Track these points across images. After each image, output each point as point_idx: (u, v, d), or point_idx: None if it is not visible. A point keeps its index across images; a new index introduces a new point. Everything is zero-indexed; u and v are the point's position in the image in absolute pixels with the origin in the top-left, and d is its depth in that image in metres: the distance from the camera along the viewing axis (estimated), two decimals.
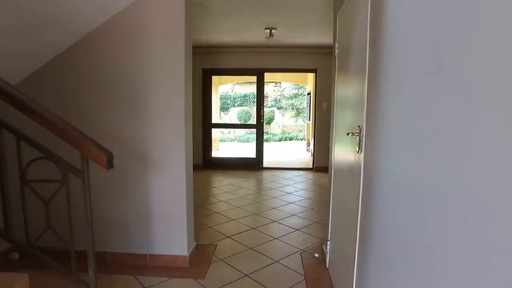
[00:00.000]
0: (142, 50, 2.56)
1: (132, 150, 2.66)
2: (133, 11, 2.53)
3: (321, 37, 5.52)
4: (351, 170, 2.02)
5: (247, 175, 6.36)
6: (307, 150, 9.81)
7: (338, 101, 2.54)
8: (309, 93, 9.62)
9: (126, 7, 2.52)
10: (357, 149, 1.75)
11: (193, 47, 3.04)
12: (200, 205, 4.38)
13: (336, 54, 2.56)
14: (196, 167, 6.95)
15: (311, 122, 9.03)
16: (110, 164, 1.37)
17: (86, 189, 1.40)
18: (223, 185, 5.57)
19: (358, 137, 1.74)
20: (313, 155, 6.90)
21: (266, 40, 5.24)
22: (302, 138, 15.08)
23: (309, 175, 6.49)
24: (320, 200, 4.70)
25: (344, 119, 2.30)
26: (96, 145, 1.36)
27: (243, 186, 5.49)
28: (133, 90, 2.60)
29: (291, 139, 15.25)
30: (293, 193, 5.12)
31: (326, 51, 6.34)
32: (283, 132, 16.07)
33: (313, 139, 8.14)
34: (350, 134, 1.79)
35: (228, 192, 5.13)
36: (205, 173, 6.51)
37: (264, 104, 6.92)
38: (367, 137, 1.67)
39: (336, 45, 2.55)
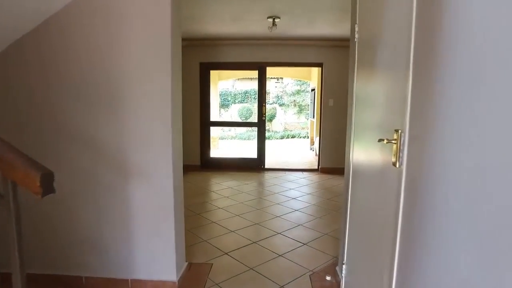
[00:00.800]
0: (119, 40, 2.11)
1: (108, 157, 2.21)
2: None
3: (329, 28, 5.06)
4: (381, 180, 1.57)
5: (248, 177, 5.91)
6: (311, 149, 9.36)
7: (358, 98, 2.08)
8: (313, 89, 9.15)
9: None
10: (394, 160, 1.30)
11: (190, 39, 2.68)
12: (195, 214, 3.94)
13: (356, 40, 2.10)
14: (193, 168, 6.53)
15: (315, 120, 8.58)
16: (46, 188, 0.92)
17: (13, 222, 0.95)
18: (222, 189, 5.13)
19: (396, 145, 1.29)
20: (319, 156, 6.45)
21: (268, 31, 4.77)
22: (305, 136, 14.65)
23: (314, 177, 6.04)
24: (329, 207, 4.26)
25: (368, 120, 1.85)
26: (25, 161, 0.92)
27: (243, 190, 5.05)
28: (109, 87, 2.15)
29: (293, 136, 14.81)
30: (298, 198, 4.68)
31: (333, 43, 5.87)
32: (285, 130, 15.62)
33: (318, 138, 7.70)
34: (385, 141, 1.34)
35: (227, 197, 4.69)
36: (202, 174, 6.07)
37: (266, 100, 6.46)
38: (411, 144, 1.22)
39: (356, 29, 2.09)
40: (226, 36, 5.80)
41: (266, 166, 6.53)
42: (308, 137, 14.43)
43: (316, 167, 6.67)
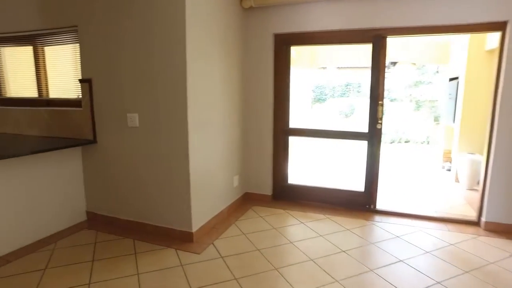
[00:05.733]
0: None
1: None
2: None
3: None
4: None
5: (347, 230, 3.40)
6: (445, 168, 6.22)
7: None
8: (453, 78, 5.97)
9: None
10: None
11: None
12: None
13: None
14: (261, 201, 3.96)
15: (458, 127, 5.45)
16: None
17: None
18: (295, 263, 2.75)
19: None
20: (482, 198, 3.50)
21: None
22: (424, 142, 11.16)
23: (475, 244, 3.16)
24: None
25: None
26: None
27: (333, 273, 2.59)
28: None
29: (407, 141, 11.40)
30: None
31: None
32: (397, 132, 12.23)
33: (468, 158, 4.67)
34: None
35: None
36: (270, 214, 3.78)
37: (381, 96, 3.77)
38: None
39: None
40: None
41: (378, 207, 3.90)
42: (427, 142, 10.92)
43: (472, 215, 3.75)
